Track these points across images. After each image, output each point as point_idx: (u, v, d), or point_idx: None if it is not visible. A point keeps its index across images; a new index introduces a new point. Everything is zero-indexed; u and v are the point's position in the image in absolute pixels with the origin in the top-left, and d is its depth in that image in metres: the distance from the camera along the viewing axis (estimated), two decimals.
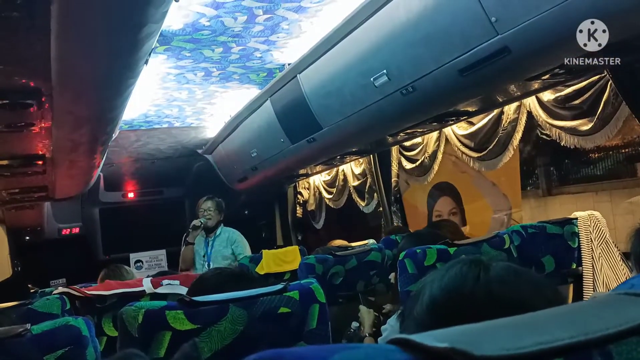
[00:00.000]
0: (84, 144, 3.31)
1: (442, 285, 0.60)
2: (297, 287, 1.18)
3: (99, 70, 2.05)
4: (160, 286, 1.80)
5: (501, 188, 3.73)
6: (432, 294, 0.60)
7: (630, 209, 2.99)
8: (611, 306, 0.42)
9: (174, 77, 3.50)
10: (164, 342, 1.03)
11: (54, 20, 1.46)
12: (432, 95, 2.52)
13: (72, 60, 1.86)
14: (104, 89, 2.29)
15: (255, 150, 4.38)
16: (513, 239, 1.94)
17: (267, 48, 3.13)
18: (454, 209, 4.22)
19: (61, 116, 2.44)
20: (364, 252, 2.39)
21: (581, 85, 2.60)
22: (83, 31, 1.64)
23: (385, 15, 2.35)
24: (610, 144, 3.09)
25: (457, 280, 0.60)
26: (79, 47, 1.76)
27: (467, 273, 0.60)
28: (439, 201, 4.36)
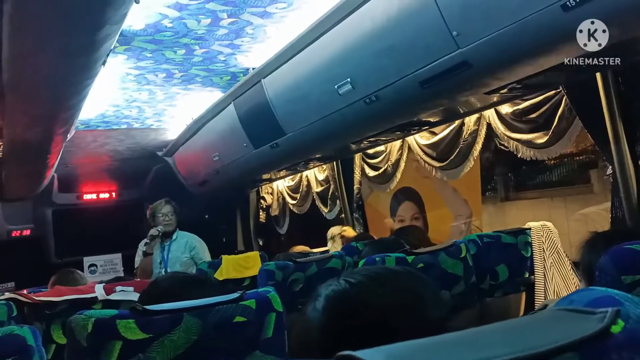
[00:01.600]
0: (37, 144, 3.19)
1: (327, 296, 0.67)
2: (254, 295, 1.17)
3: (54, 70, 1.98)
4: (114, 292, 1.75)
5: (462, 194, 3.78)
6: (322, 304, 0.67)
7: (585, 215, 3.11)
8: (551, 322, 0.43)
9: (134, 78, 3.42)
10: (114, 352, 1.00)
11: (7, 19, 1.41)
12: (395, 105, 2.56)
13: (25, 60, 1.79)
14: (59, 89, 2.22)
15: (218, 154, 4.33)
16: (469, 247, 1.98)
17: (231, 52, 3.11)
18: (416, 214, 4.25)
19: (13, 115, 2.35)
20: (324, 259, 2.39)
21: (537, 99, 2.69)
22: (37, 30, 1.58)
23: (351, 24, 2.37)
24: (565, 152, 3.18)
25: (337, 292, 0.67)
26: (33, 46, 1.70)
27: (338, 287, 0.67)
28: (402, 206, 4.40)
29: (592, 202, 3.12)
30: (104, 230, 5.90)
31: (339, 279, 0.68)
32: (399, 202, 4.41)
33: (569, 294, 0.54)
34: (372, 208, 4.58)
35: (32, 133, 2.85)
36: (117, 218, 6.10)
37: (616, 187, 2.23)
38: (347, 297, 0.65)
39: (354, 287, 0.65)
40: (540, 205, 3.45)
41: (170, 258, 3.61)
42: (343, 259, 2.44)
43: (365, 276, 0.67)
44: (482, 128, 3.13)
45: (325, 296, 0.66)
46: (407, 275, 0.68)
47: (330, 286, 0.67)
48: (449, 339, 0.40)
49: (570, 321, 0.42)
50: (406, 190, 4.25)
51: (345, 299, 0.65)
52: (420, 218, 4.22)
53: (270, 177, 5.33)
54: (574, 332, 0.39)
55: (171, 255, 3.62)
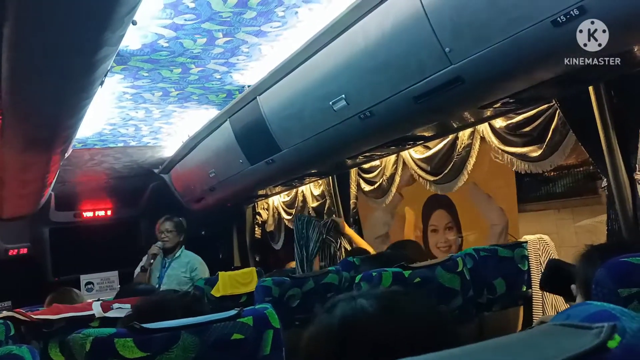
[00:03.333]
0: (35, 164, 3.20)
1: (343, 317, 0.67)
2: (251, 312, 1.17)
3: (52, 91, 2.00)
4: (111, 310, 1.75)
5: (497, 202, 3.58)
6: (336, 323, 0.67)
7: (593, 226, 3.09)
8: (548, 338, 0.43)
9: (131, 97, 3.44)
10: None
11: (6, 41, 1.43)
12: (389, 121, 2.58)
13: (24, 81, 1.81)
14: (57, 109, 2.23)
15: (214, 171, 4.34)
16: (466, 261, 1.99)
17: (226, 70, 3.14)
18: (450, 223, 4.02)
19: (12, 136, 2.36)
20: (321, 274, 2.39)
21: (531, 113, 2.71)
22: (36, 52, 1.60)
23: (344, 41, 2.40)
24: (571, 163, 3.14)
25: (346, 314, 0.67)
26: (32, 68, 1.72)
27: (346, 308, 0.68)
28: (435, 214, 4.14)
29: (600, 213, 3.07)
30: (100, 248, 5.87)
31: (356, 300, 0.68)
32: (431, 210, 4.17)
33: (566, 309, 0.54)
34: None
35: (30, 153, 2.86)
36: (113, 236, 6.08)
37: (611, 200, 2.25)
38: (361, 325, 0.65)
39: (370, 316, 0.66)
40: (547, 217, 3.38)
41: (168, 274, 3.61)
42: (340, 274, 2.44)
43: (382, 307, 0.67)
44: (476, 142, 3.15)
45: (341, 318, 0.66)
46: (424, 306, 0.68)
47: (347, 306, 0.67)
48: (449, 355, 0.40)
49: (567, 336, 0.42)
50: (438, 197, 3.93)
51: (359, 326, 0.65)
52: (454, 228, 4.00)
53: (265, 193, 5.33)
54: (570, 347, 0.39)
55: (170, 271, 3.62)
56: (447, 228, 4.05)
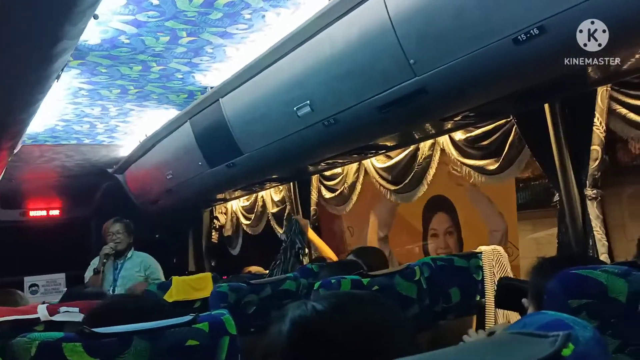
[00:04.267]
0: None
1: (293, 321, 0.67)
2: (208, 318, 1.14)
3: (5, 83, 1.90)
4: (58, 313, 1.67)
5: (498, 206, 3.44)
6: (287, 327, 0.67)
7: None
8: (505, 345, 0.44)
9: (87, 93, 3.33)
10: None
11: None
12: (353, 129, 2.60)
13: None
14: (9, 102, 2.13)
15: (171, 172, 4.25)
16: (423, 270, 2.01)
17: (189, 70, 3.08)
18: (450, 227, 3.83)
19: None
20: (279, 280, 2.37)
21: (489, 127, 2.79)
22: None
23: (311, 48, 2.40)
24: (530, 175, 3.15)
25: None
26: None
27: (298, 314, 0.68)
28: (436, 218, 3.95)
29: None
30: (47, 249, 5.64)
31: (307, 303, 0.68)
32: (431, 213, 3.97)
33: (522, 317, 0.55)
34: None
35: None
36: (62, 236, 5.85)
37: (562, 214, 2.33)
38: (311, 325, 0.65)
39: (320, 315, 0.65)
40: None
41: (123, 276, 3.55)
42: (298, 280, 2.42)
43: (332, 305, 0.67)
44: (436, 153, 3.22)
45: (291, 320, 0.66)
46: (375, 305, 0.68)
47: (297, 309, 0.67)
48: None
49: (524, 344, 0.44)
50: (439, 199, 3.75)
51: (309, 326, 0.65)
52: (455, 233, 3.80)
53: (224, 197, 5.27)
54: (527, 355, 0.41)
55: (124, 273, 3.56)
56: (447, 233, 3.89)
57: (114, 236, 3.55)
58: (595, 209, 2.25)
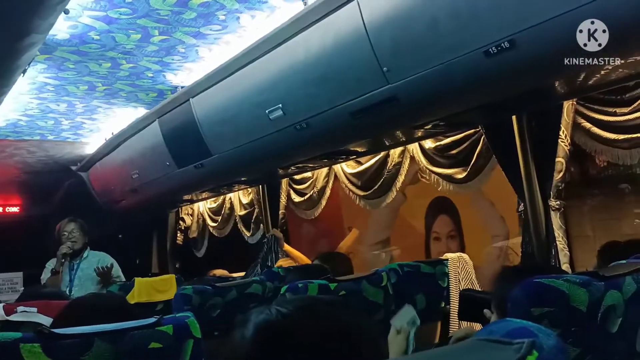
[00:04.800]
0: None
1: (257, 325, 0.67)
2: (172, 320, 1.12)
3: None
4: (15, 313, 1.61)
5: (499, 209, 3.31)
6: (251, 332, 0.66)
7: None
8: (472, 352, 0.45)
9: (53, 88, 3.23)
10: None
11: None
12: (325, 133, 2.60)
13: None
14: None
15: (137, 172, 4.16)
16: (390, 276, 2.03)
17: (159, 69, 3.03)
18: (453, 231, 3.67)
19: None
20: (244, 284, 2.34)
21: (458, 137, 2.84)
22: None
23: (285, 51, 2.40)
24: None
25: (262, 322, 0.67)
26: None
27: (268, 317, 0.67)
28: (438, 220, 3.78)
29: None
30: (5, 247, 5.44)
31: (271, 308, 0.67)
32: (434, 215, 3.80)
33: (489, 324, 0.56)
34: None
35: None
36: (21, 234, 5.66)
37: (527, 224, 2.39)
38: (277, 328, 0.64)
39: (285, 318, 0.65)
40: None
41: (79, 276, 3.47)
42: (264, 284, 2.40)
43: (297, 308, 0.66)
44: (406, 160, 3.25)
45: (255, 325, 0.65)
46: (339, 309, 0.68)
47: (260, 314, 0.66)
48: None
49: (490, 351, 0.45)
50: (442, 201, 3.56)
51: (275, 330, 0.64)
52: (457, 237, 3.62)
53: (191, 198, 5.19)
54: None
55: (81, 273, 3.48)
56: (449, 236, 3.71)
57: (70, 235, 3.47)
58: (558, 220, 2.31)
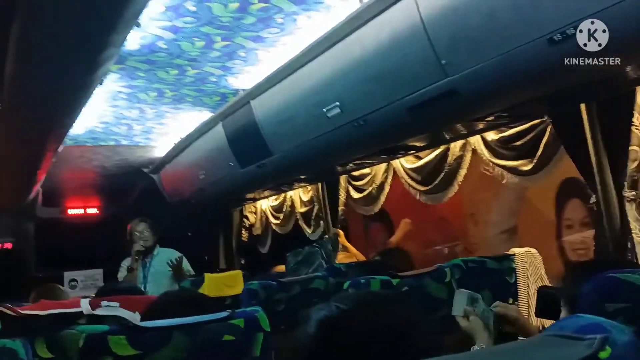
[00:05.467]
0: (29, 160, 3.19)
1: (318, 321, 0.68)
2: (243, 314, 1.17)
3: (54, 89, 2.00)
4: (99, 307, 1.73)
5: None
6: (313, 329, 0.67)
7: None
8: (542, 348, 0.45)
9: (126, 96, 3.44)
10: None
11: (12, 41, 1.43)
12: (382, 130, 2.60)
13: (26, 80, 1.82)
14: (56, 107, 2.24)
15: (204, 173, 4.33)
16: (454, 272, 2.01)
17: (222, 73, 3.15)
18: (586, 217, 3.17)
19: (9, 132, 2.36)
20: (308, 279, 2.39)
21: (523, 127, 2.74)
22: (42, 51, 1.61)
23: (341, 50, 2.42)
24: None
25: None
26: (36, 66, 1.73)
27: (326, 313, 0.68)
28: (570, 205, 3.34)
29: None
30: (86, 246, 5.82)
31: (331, 304, 0.68)
32: (565, 199, 3.34)
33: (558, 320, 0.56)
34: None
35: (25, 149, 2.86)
36: (100, 234, 6.03)
37: (599, 216, 2.28)
38: (336, 324, 0.65)
39: (344, 313, 0.66)
40: None
41: (152, 273, 3.63)
42: (327, 279, 2.44)
43: (355, 303, 0.67)
44: (468, 154, 3.18)
45: (316, 321, 0.67)
46: (397, 304, 0.68)
47: (321, 310, 0.68)
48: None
49: (560, 347, 0.44)
50: (572, 182, 3.02)
51: (334, 325, 0.65)
52: (590, 225, 2.96)
53: (254, 197, 5.33)
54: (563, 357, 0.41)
55: (153, 269, 3.64)
56: (583, 224, 3.24)
57: (141, 234, 3.64)
58: (634, 211, 2.19)
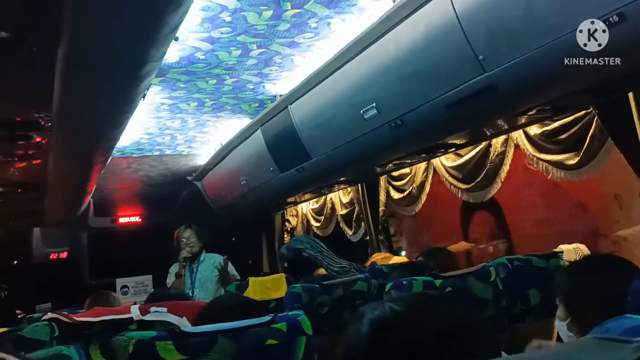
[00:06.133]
0: (79, 174, 3.34)
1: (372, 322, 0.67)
2: (285, 318, 1.19)
3: (98, 106, 2.10)
4: (148, 313, 1.79)
5: None
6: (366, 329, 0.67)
7: None
8: (587, 351, 0.44)
9: (168, 107, 3.54)
10: None
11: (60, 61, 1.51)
12: (420, 129, 2.58)
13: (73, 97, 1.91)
14: (102, 122, 2.34)
15: (245, 178, 4.40)
16: (499, 271, 1.96)
17: (259, 80, 3.19)
18: None
19: (59, 148, 2.48)
20: (350, 281, 2.39)
21: (568, 120, 2.66)
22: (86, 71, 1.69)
23: (376, 51, 2.42)
24: None
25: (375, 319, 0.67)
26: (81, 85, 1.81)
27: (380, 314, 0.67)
28: None
29: None
30: (135, 253, 6.02)
31: (384, 304, 0.67)
32: None
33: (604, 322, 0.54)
34: None
35: (74, 163, 3.00)
36: (147, 241, 6.22)
37: None
38: (390, 325, 0.64)
39: (399, 315, 0.65)
40: None
41: (199, 278, 3.72)
42: (369, 281, 2.43)
43: (410, 304, 0.66)
44: (510, 149, 3.11)
45: (370, 321, 0.66)
46: (453, 306, 0.67)
47: (375, 310, 0.67)
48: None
49: (606, 350, 0.43)
50: None
51: (388, 327, 0.64)
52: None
53: (295, 200, 5.37)
54: None
55: (200, 275, 3.73)
56: None
57: (188, 240, 3.73)
58: None
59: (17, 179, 3.02)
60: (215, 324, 1.12)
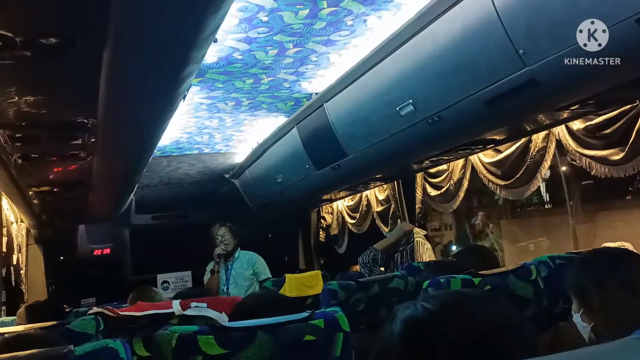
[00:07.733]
0: (122, 173, 3.45)
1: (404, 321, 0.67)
2: (322, 315, 1.20)
3: (142, 107, 2.16)
4: (189, 308, 1.84)
5: None
6: (399, 328, 0.67)
7: None
8: (629, 352, 0.43)
9: (206, 107, 3.61)
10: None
11: (105, 64, 1.57)
12: (458, 125, 2.54)
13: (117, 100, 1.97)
14: (144, 123, 2.41)
15: (281, 176, 4.44)
16: (540, 269, 1.92)
17: (295, 79, 3.21)
18: None
19: (103, 148, 2.57)
20: (386, 279, 2.38)
21: (612, 114, 2.58)
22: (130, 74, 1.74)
23: (412, 47, 2.40)
24: None
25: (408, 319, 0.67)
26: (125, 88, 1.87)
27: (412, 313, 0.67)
28: None
29: None
30: (174, 249, 6.15)
31: (417, 303, 0.67)
32: None
33: None
34: None
35: (118, 163, 3.10)
36: (186, 237, 6.34)
37: None
38: (423, 325, 0.64)
39: (431, 314, 0.64)
40: None
41: (233, 275, 3.81)
42: (405, 279, 2.41)
43: (443, 303, 0.65)
44: (552, 145, 3.03)
45: (402, 321, 0.66)
46: (489, 304, 0.66)
47: (407, 310, 0.67)
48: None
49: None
50: None
51: (422, 326, 0.64)
52: None
53: (330, 197, 5.39)
54: None
55: (234, 272, 3.82)
56: None
57: (222, 238, 3.81)
58: None
59: (64, 179, 3.14)
60: (254, 319, 1.14)
